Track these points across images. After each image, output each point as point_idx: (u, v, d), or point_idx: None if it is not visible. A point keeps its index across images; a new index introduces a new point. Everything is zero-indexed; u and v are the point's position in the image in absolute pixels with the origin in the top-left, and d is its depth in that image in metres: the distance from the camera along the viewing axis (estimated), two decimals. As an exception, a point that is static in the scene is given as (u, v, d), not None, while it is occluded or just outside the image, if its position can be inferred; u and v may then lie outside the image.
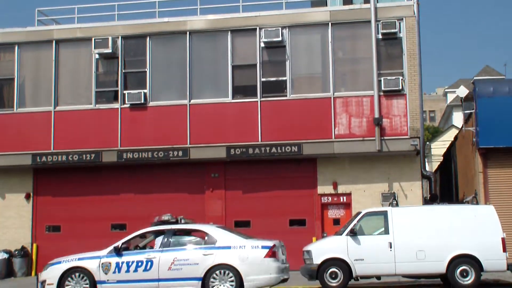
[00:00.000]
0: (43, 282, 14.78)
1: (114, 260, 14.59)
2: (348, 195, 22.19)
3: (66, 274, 14.57)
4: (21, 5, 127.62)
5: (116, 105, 23.08)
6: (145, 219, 22.58)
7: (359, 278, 16.47)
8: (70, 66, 23.80)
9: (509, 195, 21.28)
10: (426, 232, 16.13)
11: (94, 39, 23.01)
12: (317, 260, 16.10)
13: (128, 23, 23.57)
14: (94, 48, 23.03)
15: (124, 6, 24.20)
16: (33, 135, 23.30)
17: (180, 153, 22.33)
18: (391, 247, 15.98)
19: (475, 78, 52.40)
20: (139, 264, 14.47)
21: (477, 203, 18.03)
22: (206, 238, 14.76)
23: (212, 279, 14.17)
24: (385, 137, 21.51)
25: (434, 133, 63.47)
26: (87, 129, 23.03)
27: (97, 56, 23.37)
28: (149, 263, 14.42)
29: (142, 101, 22.70)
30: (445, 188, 30.39)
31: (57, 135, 23.17)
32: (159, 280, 14.36)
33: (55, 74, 23.60)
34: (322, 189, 22.31)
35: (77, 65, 23.78)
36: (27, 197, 23.90)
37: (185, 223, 15.51)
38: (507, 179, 21.45)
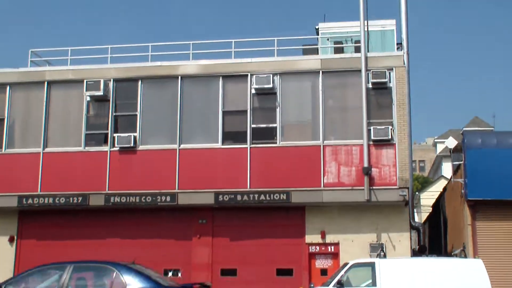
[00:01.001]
0: None
1: None
2: (336, 244, 22.00)
3: None
4: (14, 45, 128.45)
5: (105, 148, 23.00)
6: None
7: None
8: (60, 107, 23.76)
9: (498, 248, 21.16)
10: (414, 285, 15.97)
11: (86, 81, 23.06)
12: (304, 310, 15.91)
13: (121, 66, 23.67)
14: (86, 90, 23.05)
15: (117, 49, 24.37)
16: (20, 176, 23.11)
17: (168, 198, 22.18)
18: (378, 299, 15.79)
19: (464, 129, 52.75)
20: None
21: (465, 256, 17.95)
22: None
23: None
24: (374, 187, 21.45)
25: (424, 183, 63.60)
26: (75, 171, 22.87)
27: (88, 98, 23.37)
28: None
29: (132, 145, 22.63)
30: (434, 239, 30.27)
31: (44, 177, 22.99)
32: None
33: (45, 116, 23.55)
34: (310, 238, 22.13)
35: (68, 107, 23.75)
36: (11, 240, 23.57)
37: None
38: (496, 232, 21.36)
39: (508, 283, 20.54)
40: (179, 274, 22.67)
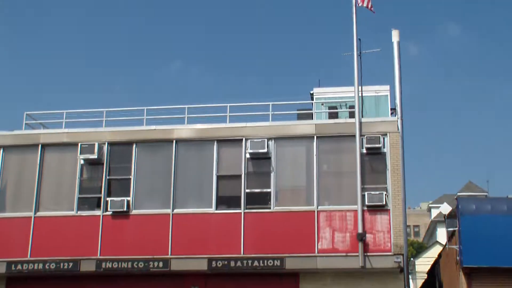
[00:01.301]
0: None
1: None
2: (331, 312, 21.64)
3: None
4: (8, 107, 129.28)
5: (98, 212, 22.80)
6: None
7: None
8: (54, 171, 23.67)
9: (494, 317, 20.86)
10: None
11: (81, 145, 23.04)
12: None
13: (115, 129, 23.71)
14: (80, 153, 23.02)
15: (112, 112, 24.45)
16: (10, 241, 22.74)
17: (161, 264, 21.86)
18: None
19: (458, 194, 52.76)
20: None
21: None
22: None
23: None
24: (369, 253, 21.25)
25: (419, 249, 63.18)
26: (67, 236, 22.56)
27: (82, 161, 23.33)
28: None
29: (125, 209, 22.45)
30: (429, 306, 29.84)
31: (35, 242, 22.64)
32: None
33: (38, 179, 23.42)
34: (304, 305, 21.78)
35: (61, 170, 23.65)
36: (-2, 307, 23.12)
37: None
38: (492, 299, 21.09)
39: None
40: None
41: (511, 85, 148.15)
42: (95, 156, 22.91)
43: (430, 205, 79.14)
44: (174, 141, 23.20)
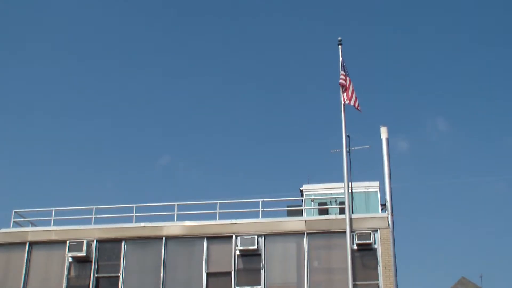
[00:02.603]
0: None
1: None
2: None
3: None
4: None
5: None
6: None
7: None
8: (41, 268, 23.38)
9: None
10: None
11: (69, 242, 22.87)
12: None
13: (104, 226, 23.62)
14: (68, 251, 22.82)
15: (101, 209, 24.40)
16: None
17: None
18: None
19: (451, 290, 52.03)
20: None
21: None
22: None
23: None
24: None
25: None
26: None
27: (70, 259, 23.10)
28: None
29: (113, 309, 22.09)
30: None
31: None
32: None
33: (24, 277, 23.13)
34: None
35: (48, 268, 23.37)
36: None
37: None
38: None
39: None
40: None
41: (500, 179, 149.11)
42: (83, 254, 22.71)
43: (424, 300, 77.90)
44: (164, 238, 23.09)
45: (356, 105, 23.79)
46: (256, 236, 22.39)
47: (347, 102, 23.76)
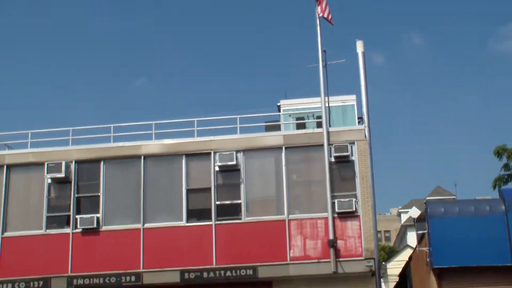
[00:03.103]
0: None
1: None
2: (306, 318, 21.76)
3: None
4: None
5: (67, 230, 22.66)
6: None
7: None
8: (21, 191, 23.46)
9: (466, 315, 21.20)
10: None
11: (47, 164, 22.88)
12: None
13: (82, 147, 23.58)
14: (47, 172, 22.86)
15: (78, 131, 24.32)
16: (-24, 264, 22.47)
17: (133, 278, 21.79)
18: None
19: (427, 198, 53.46)
20: None
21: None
22: None
23: None
24: (340, 259, 21.45)
25: (390, 253, 63.68)
26: (36, 255, 22.36)
27: (49, 180, 23.17)
28: None
29: (95, 226, 22.34)
30: (402, 309, 30.16)
31: (3, 262, 22.38)
32: None
33: (4, 200, 23.17)
34: (278, 312, 21.89)
35: (28, 190, 23.46)
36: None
37: None
38: (462, 299, 21.43)
39: None
40: None
41: (473, 91, 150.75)
42: (62, 175, 22.77)
43: (399, 210, 79.90)
44: (143, 157, 23.17)
45: (329, 18, 23.61)
46: (234, 152, 22.56)
47: (321, 14, 23.58)
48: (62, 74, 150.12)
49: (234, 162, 22.43)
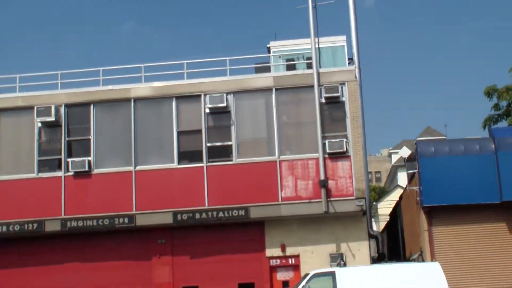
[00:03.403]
0: None
1: None
2: (297, 257, 22.11)
3: None
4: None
5: (59, 173, 22.74)
6: (91, 288, 22.18)
7: None
8: (11, 135, 23.42)
9: (454, 251, 21.59)
10: (374, 291, 16.20)
11: (37, 108, 22.79)
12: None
13: (71, 91, 23.45)
14: (37, 116, 22.79)
15: (67, 74, 24.11)
16: (-28, 206, 22.59)
17: (126, 220, 22.01)
18: (340, 307, 15.95)
19: (417, 138, 53.74)
20: None
21: (423, 261, 18.25)
22: None
23: None
24: (332, 199, 21.68)
25: (381, 194, 64.31)
26: (29, 198, 22.50)
27: (39, 124, 23.11)
28: None
29: (86, 169, 22.42)
30: (392, 246, 30.67)
31: (-3, 205, 22.59)
32: None
33: (-5, 144, 23.21)
34: (270, 251, 22.20)
35: (18, 134, 23.42)
36: (-35, 270, 23.01)
37: None
38: (451, 236, 21.78)
39: (464, 283, 20.99)
40: (142, 295, 22.50)
41: (463, 31, 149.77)
42: (52, 119, 22.71)
43: (390, 151, 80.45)
44: (132, 100, 23.09)
45: None
46: (224, 94, 22.51)
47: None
48: (49, 17, 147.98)
49: (224, 104, 22.40)
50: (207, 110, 22.71)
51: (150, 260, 22.46)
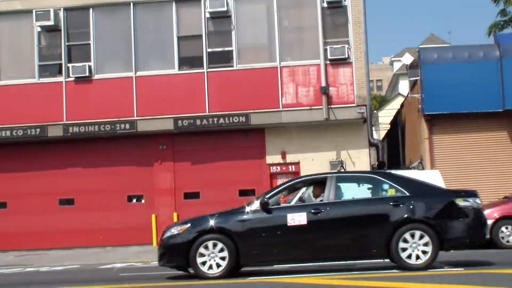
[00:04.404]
0: None
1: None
2: (297, 164, 22.32)
3: None
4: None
5: (60, 79, 22.63)
6: (94, 193, 22.50)
7: None
8: (11, 39, 23.20)
9: (454, 160, 21.77)
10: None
11: (35, 12, 22.39)
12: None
13: (70, -6, 23.01)
14: (36, 20, 22.43)
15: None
16: (-26, 109, 22.62)
17: (127, 125, 22.07)
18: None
19: (420, 46, 53.12)
20: None
21: (423, 168, 18.39)
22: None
23: None
24: (332, 106, 21.65)
25: (382, 102, 64.20)
26: (31, 103, 22.49)
27: (39, 29, 22.81)
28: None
29: (87, 74, 22.29)
30: (393, 155, 30.88)
31: (0, 110, 22.57)
32: None
33: (-5, 49, 22.99)
34: (270, 158, 22.39)
35: (18, 38, 23.19)
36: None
37: None
38: (451, 144, 21.91)
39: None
40: (143, 200, 22.86)
41: None
42: (51, 23, 22.37)
43: (392, 59, 79.65)
44: (132, 4, 22.67)
45: None
46: (225, -3, 22.06)
47: None
48: None
49: (225, 8, 22.01)
50: (208, 15, 22.33)
51: (152, 165, 22.71)
